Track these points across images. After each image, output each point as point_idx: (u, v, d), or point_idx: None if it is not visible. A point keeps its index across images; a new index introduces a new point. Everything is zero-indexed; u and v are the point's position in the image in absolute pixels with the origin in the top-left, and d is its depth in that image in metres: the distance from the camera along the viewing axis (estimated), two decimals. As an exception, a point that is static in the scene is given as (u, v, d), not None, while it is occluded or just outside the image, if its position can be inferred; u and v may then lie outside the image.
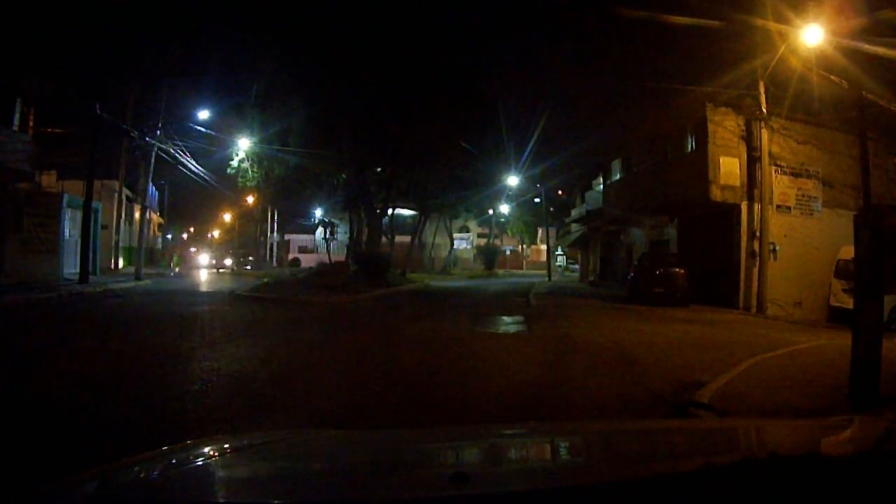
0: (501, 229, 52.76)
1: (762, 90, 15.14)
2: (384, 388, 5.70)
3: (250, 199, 45.49)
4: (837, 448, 1.64)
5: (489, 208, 45.68)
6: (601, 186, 27.68)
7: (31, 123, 18.12)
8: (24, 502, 1.27)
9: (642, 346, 8.42)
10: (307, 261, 43.60)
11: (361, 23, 19.91)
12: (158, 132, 21.05)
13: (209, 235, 69.30)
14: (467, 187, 31.04)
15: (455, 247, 46.86)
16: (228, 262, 40.86)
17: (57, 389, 5.25)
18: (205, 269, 39.10)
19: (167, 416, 4.42)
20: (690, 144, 17.57)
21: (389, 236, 31.16)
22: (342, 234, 38.48)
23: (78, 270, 17.90)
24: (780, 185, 16.01)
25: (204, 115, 23.13)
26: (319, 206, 40.11)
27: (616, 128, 23.44)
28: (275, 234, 50.25)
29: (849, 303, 9.37)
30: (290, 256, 49.96)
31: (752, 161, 15.89)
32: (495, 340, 9.35)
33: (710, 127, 15.99)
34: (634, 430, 2.32)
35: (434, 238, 42.70)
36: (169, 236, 58.42)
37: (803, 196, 16.29)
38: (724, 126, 16.09)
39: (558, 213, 43.12)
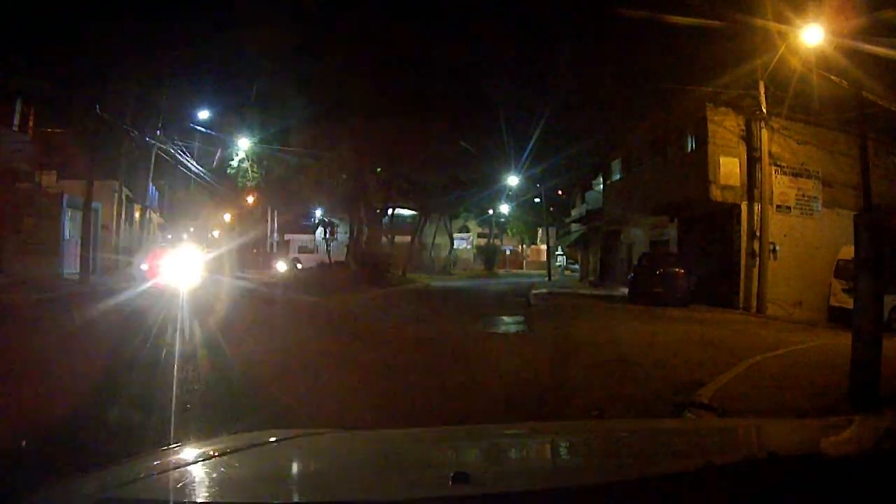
0: (501, 229, 52.70)
1: (762, 90, 15.12)
2: (384, 388, 5.69)
3: (250, 199, 45.37)
4: (837, 448, 1.64)
5: (489, 208, 45.62)
6: (601, 186, 27.69)
7: (31, 123, 18.11)
8: (25, 502, 1.28)
9: (642, 346, 8.41)
10: (307, 261, 43.48)
11: (362, 23, 19.96)
12: (158, 132, 21.03)
13: (209, 235, 69.13)
14: (467, 187, 31.05)
15: (455, 247, 46.81)
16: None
17: (56, 389, 5.24)
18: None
19: (167, 415, 4.41)
20: (690, 144, 17.57)
21: (389, 236, 31.18)
22: (342, 234, 38.48)
23: (78, 270, 17.87)
24: (780, 185, 16.00)
25: (204, 114, 23.16)
26: (319, 206, 40.03)
27: (616, 128, 23.42)
28: (275, 234, 50.21)
29: (849, 303, 9.34)
30: (291, 256, 49.90)
31: (752, 161, 15.88)
32: (496, 340, 9.35)
33: (710, 127, 15.99)
34: (634, 430, 2.32)
35: (434, 238, 42.66)
36: (169, 236, 58.29)
37: (803, 196, 16.28)
38: (724, 126, 16.09)
39: (558, 213, 43.07)
